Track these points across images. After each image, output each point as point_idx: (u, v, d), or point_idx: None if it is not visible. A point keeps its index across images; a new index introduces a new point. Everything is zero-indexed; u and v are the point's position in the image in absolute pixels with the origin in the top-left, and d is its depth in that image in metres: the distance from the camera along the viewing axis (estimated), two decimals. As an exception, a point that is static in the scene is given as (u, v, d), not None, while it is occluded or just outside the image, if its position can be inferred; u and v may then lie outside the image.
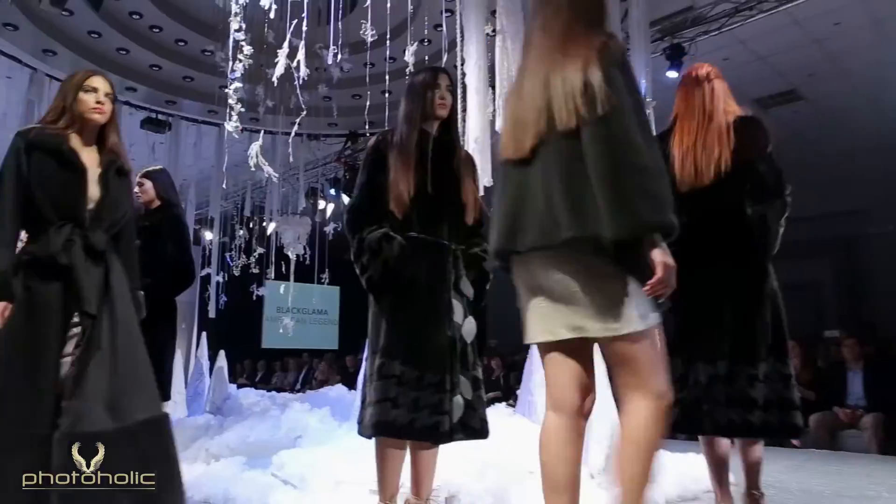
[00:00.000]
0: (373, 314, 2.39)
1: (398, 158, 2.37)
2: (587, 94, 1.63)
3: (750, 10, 6.06)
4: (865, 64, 7.22)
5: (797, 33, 6.61)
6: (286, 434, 4.31)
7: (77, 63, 7.46)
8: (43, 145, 2.17)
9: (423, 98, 2.46)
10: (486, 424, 2.39)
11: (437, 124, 2.51)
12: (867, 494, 3.61)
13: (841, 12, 6.24)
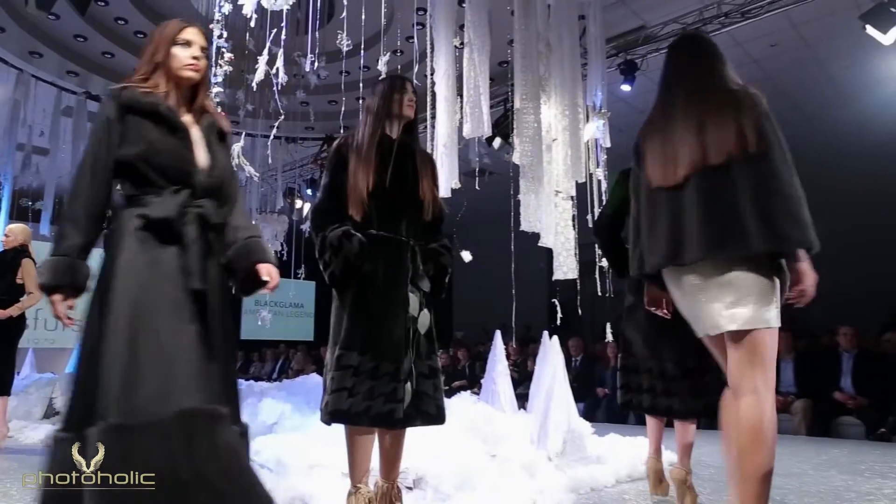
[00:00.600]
0: (335, 308, 2.37)
1: (358, 159, 2.37)
2: (743, 137, 1.91)
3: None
4: (798, 82, 7.41)
5: (738, 53, 6.75)
6: (263, 421, 4.27)
7: (63, 65, 7.27)
8: (138, 106, 1.82)
9: (391, 99, 2.46)
10: (442, 411, 2.38)
11: (399, 127, 2.51)
12: (794, 472, 3.71)
13: (776, 35, 6.40)
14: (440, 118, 3.92)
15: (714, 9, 5.96)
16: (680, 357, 2.78)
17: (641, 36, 6.44)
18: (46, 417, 6.10)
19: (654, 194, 2.13)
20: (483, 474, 2.97)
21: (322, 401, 2.33)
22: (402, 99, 2.47)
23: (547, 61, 4.36)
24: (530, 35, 4.24)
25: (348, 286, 2.31)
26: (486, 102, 3.92)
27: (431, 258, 2.48)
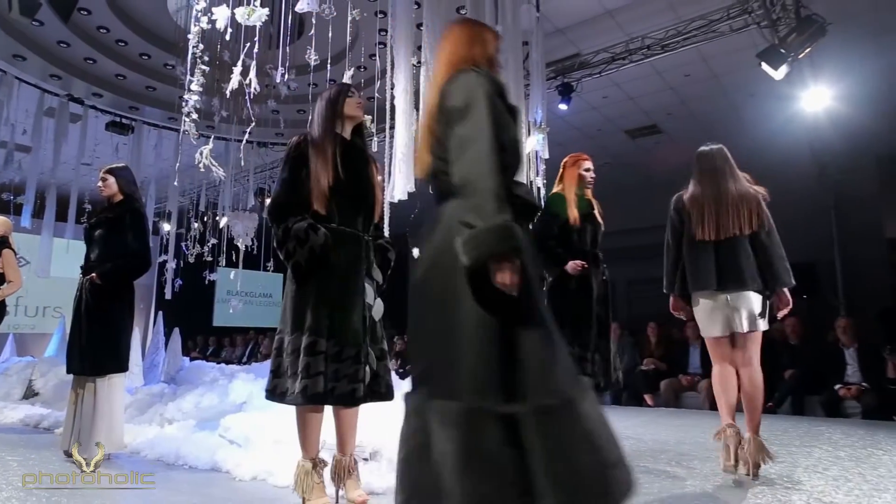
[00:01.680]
0: (293, 296, 2.27)
1: (318, 156, 2.30)
2: (758, 219, 2.92)
3: (623, 60, 6.29)
4: (708, 108, 7.65)
5: (658, 81, 6.93)
6: (233, 400, 4.18)
7: (46, 68, 6.89)
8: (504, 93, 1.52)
9: (338, 103, 2.41)
10: (391, 389, 2.36)
11: (349, 129, 2.45)
12: (699, 441, 3.82)
13: (690, 66, 6.58)
14: (399, 129, 3.88)
15: (638, 41, 6.08)
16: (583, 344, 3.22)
17: (577, 62, 6.53)
18: (25, 398, 5.82)
19: (696, 244, 2.98)
20: (433, 447, 2.94)
21: (271, 382, 2.26)
22: (349, 101, 2.42)
23: (494, 81, 4.36)
24: (480, 57, 4.23)
25: (312, 276, 2.24)
26: (440, 115, 3.90)
27: (379, 252, 2.44)
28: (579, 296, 3.29)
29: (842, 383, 5.36)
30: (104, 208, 3.59)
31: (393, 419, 3.05)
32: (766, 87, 6.55)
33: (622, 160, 9.36)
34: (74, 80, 7.15)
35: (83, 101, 7.52)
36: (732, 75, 6.76)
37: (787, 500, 2.43)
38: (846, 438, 3.92)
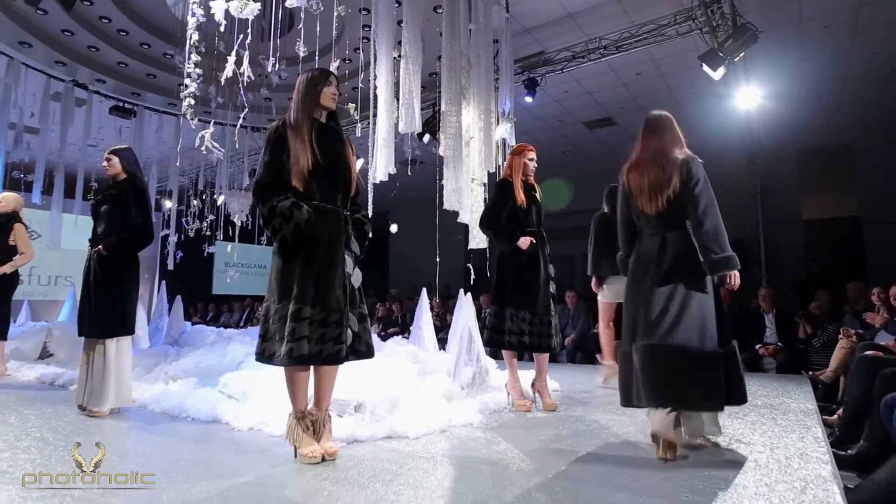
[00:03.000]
0: (279, 268, 2.23)
1: (296, 140, 2.24)
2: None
3: (582, 59, 6.26)
4: (656, 104, 7.55)
5: (613, 78, 6.92)
6: (231, 360, 4.13)
7: (52, 55, 6.56)
8: None
9: (316, 91, 2.34)
10: (371, 348, 2.35)
11: (324, 113, 2.39)
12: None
13: (641, 66, 6.58)
14: (380, 116, 3.82)
15: (596, 42, 6.05)
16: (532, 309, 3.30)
17: (541, 59, 6.47)
18: (40, 359, 5.68)
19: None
20: (411, 400, 2.97)
21: (260, 346, 2.23)
22: (326, 91, 2.35)
23: (468, 74, 4.30)
24: (455, 53, 4.17)
25: (297, 249, 2.21)
26: (417, 105, 3.84)
27: (357, 226, 2.41)
28: (529, 268, 3.34)
29: (761, 343, 5.56)
30: (109, 186, 3.47)
31: (377, 376, 3.08)
32: (706, 86, 6.60)
33: (580, 148, 9.39)
34: (79, 66, 6.83)
35: (87, 86, 7.20)
36: (678, 75, 6.79)
37: (713, 441, 2.52)
38: (762, 389, 4.07)
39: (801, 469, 2.08)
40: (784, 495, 1.78)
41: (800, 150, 8.79)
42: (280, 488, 1.90)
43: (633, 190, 2.50)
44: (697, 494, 1.80)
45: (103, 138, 7.97)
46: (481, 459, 2.26)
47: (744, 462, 2.18)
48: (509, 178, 3.44)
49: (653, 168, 2.46)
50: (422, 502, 1.74)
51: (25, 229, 4.71)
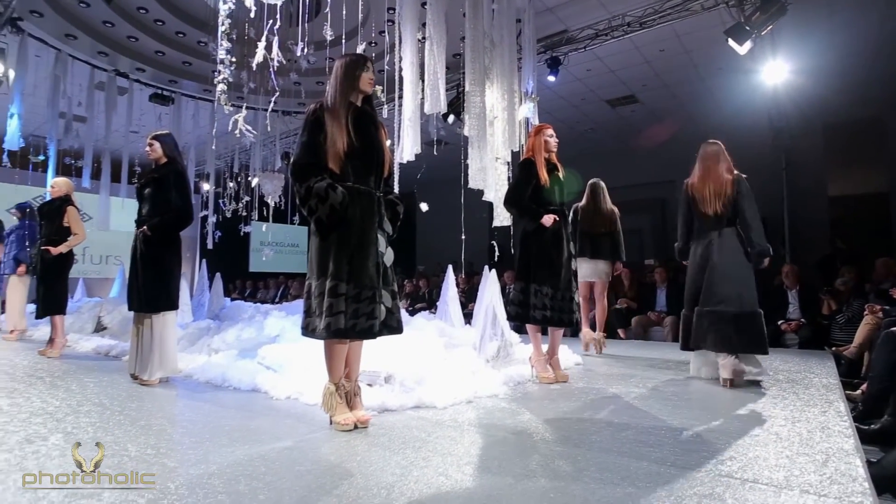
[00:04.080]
0: (317, 247, 2.25)
1: (333, 122, 2.24)
2: None
3: (605, 36, 6.06)
4: (680, 81, 7.42)
5: (636, 55, 6.69)
6: (268, 334, 4.22)
7: (95, 46, 6.67)
8: None
9: (355, 76, 2.33)
10: (400, 324, 2.36)
11: (361, 97, 2.38)
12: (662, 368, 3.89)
13: (665, 43, 6.34)
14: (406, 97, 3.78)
15: (620, 19, 5.84)
16: (554, 285, 3.27)
17: (564, 38, 6.29)
18: (96, 331, 5.92)
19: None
20: (438, 372, 3.00)
21: (304, 321, 2.27)
22: (364, 76, 2.34)
23: (491, 55, 4.21)
24: (478, 33, 4.08)
25: (332, 229, 2.22)
26: (442, 86, 3.79)
27: (389, 206, 2.41)
28: (553, 245, 3.30)
29: (784, 319, 5.41)
30: (151, 170, 3.54)
31: (406, 350, 3.11)
32: (732, 61, 6.33)
33: (603, 126, 9.17)
34: (120, 56, 6.93)
35: (128, 75, 7.32)
36: (702, 50, 6.52)
37: (733, 414, 2.49)
38: (784, 364, 3.98)
39: (822, 442, 2.03)
40: (805, 467, 1.75)
41: (827, 125, 8.39)
42: (316, 452, 1.95)
43: (697, 198, 3.36)
44: (719, 464, 1.78)
45: (144, 125, 8.12)
46: (506, 428, 2.27)
47: (765, 435, 2.14)
48: (532, 158, 3.39)
49: (714, 182, 3.30)
50: (450, 468, 1.76)
51: (77, 212, 4.86)
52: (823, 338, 5.07)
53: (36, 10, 5.94)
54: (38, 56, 6.59)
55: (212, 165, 8.44)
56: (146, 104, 7.77)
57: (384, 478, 1.67)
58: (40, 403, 2.70)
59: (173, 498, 1.50)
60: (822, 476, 1.67)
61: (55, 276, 4.69)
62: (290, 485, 1.61)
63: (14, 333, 5.80)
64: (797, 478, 1.66)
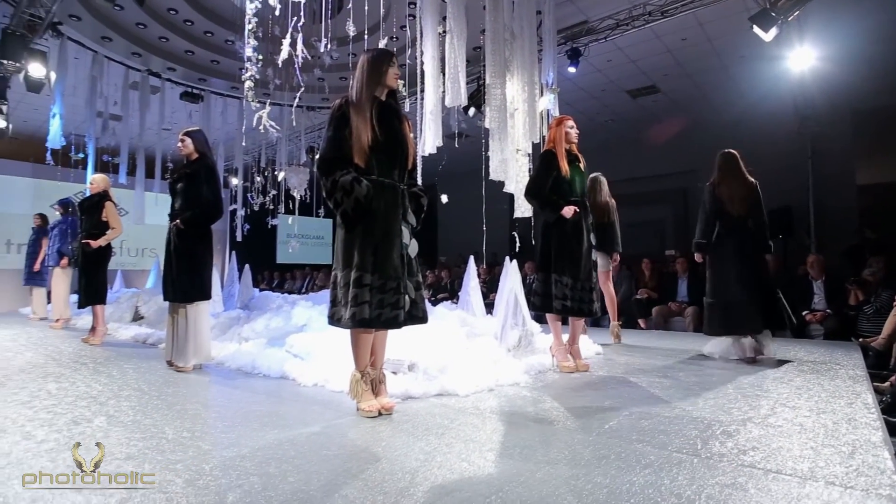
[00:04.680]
0: (343, 239, 2.27)
1: (358, 117, 2.24)
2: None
3: (626, 26, 5.93)
4: (702, 69, 7.22)
5: (657, 45, 6.53)
6: (295, 323, 4.28)
7: (128, 47, 6.82)
8: None
9: (380, 71, 2.32)
10: (426, 314, 2.37)
11: (385, 92, 2.37)
12: (683, 358, 3.82)
13: (687, 31, 6.17)
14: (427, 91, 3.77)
15: (641, 8, 5.70)
16: (574, 275, 3.25)
17: (584, 28, 6.17)
18: (134, 321, 6.12)
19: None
20: (460, 361, 3.01)
21: (330, 311, 2.30)
22: (390, 72, 2.34)
23: (511, 47, 4.16)
24: (498, 26, 4.03)
25: (358, 221, 2.23)
26: (463, 79, 3.76)
27: (414, 199, 2.41)
28: (573, 236, 3.27)
29: (809, 310, 5.26)
30: (183, 165, 3.60)
31: (429, 339, 3.13)
32: (756, 48, 6.13)
33: (623, 117, 8.99)
34: (152, 56, 7.08)
35: (160, 74, 7.46)
36: (725, 38, 6.32)
37: (757, 404, 2.43)
38: (809, 355, 3.88)
39: (849, 434, 1.97)
40: (830, 459, 1.70)
41: (856, 112, 8.06)
42: (342, 437, 1.98)
43: (725, 200, 3.70)
44: (741, 454, 1.74)
45: (176, 122, 8.29)
46: (528, 416, 2.27)
47: (789, 426, 2.09)
48: (553, 150, 3.34)
49: (740, 187, 3.70)
50: (472, 454, 1.77)
51: (115, 207, 4.99)
52: (850, 329, 4.91)
53: (74, 15, 6.09)
54: (77, 58, 6.77)
55: (240, 161, 8.57)
56: (177, 102, 7.92)
57: (408, 463, 1.69)
58: (85, 388, 2.81)
59: (208, 479, 1.55)
60: (848, 468, 1.63)
61: (95, 268, 4.84)
62: (318, 468, 1.64)
63: (59, 322, 6.02)
64: (822, 469, 1.62)
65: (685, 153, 9.31)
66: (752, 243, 3.60)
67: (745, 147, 9.12)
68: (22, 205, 9.93)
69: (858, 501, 1.39)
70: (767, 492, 1.45)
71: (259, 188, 9.00)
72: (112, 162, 8.16)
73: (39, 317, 7.11)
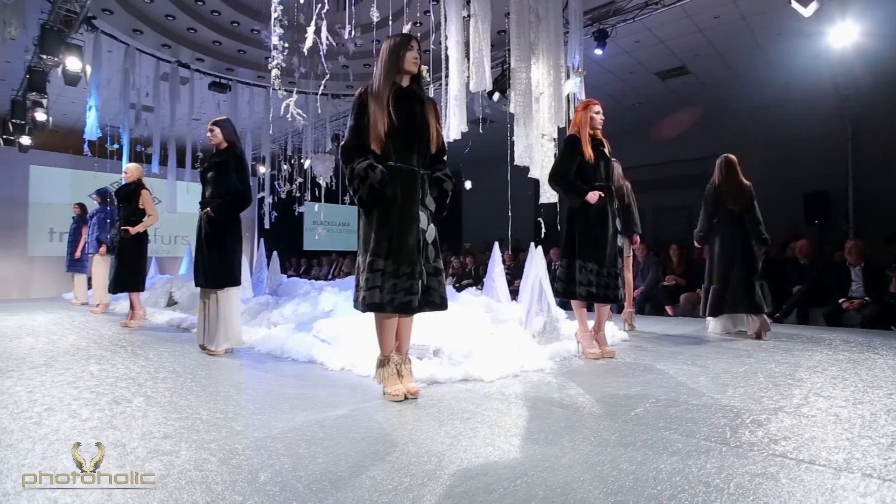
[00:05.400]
0: (363, 224, 2.31)
1: (376, 105, 2.26)
2: None
3: (655, 5, 5.73)
4: (735, 49, 6.94)
5: (688, 24, 6.30)
6: (322, 309, 4.35)
7: (158, 39, 6.95)
8: None
9: (398, 56, 2.32)
10: (444, 300, 2.37)
11: (407, 77, 2.37)
12: (711, 345, 3.74)
13: (720, 9, 5.93)
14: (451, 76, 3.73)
15: (671, -15, 5.50)
16: (599, 261, 3.22)
17: (612, 9, 5.99)
18: (168, 305, 6.31)
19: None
20: (485, 347, 3.01)
21: (354, 294, 2.33)
22: (408, 56, 2.33)
23: (536, 30, 4.07)
24: (523, 8, 3.94)
25: (373, 207, 2.25)
26: (487, 63, 3.71)
27: (436, 184, 2.40)
28: (598, 221, 3.22)
29: (846, 297, 5.07)
30: (212, 154, 3.67)
31: (454, 325, 3.13)
32: (794, 25, 5.85)
33: (652, 100, 8.75)
34: (181, 48, 7.19)
35: (189, 65, 7.58)
36: (760, 15, 6.05)
37: (789, 393, 2.37)
38: (845, 344, 3.75)
39: (888, 426, 1.90)
40: (867, 450, 1.65)
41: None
42: (369, 421, 2.01)
43: (724, 197, 4.21)
44: (772, 444, 1.70)
45: (204, 112, 8.43)
46: (553, 402, 2.26)
47: (823, 416, 2.03)
48: (577, 134, 3.29)
49: (738, 186, 4.19)
50: (497, 438, 1.78)
51: (150, 194, 5.14)
52: (891, 317, 4.72)
53: (107, 9, 6.23)
54: (110, 51, 6.93)
55: (267, 149, 8.69)
56: (206, 93, 8.05)
57: (434, 446, 1.70)
58: (124, 370, 2.92)
59: (241, 458, 1.59)
60: (886, 460, 1.57)
61: (132, 254, 5.00)
62: (346, 450, 1.67)
63: (99, 307, 6.27)
64: (858, 461, 1.57)
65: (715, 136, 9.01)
66: (744, 237, 4.13)
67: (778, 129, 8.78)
68: (62, 194, 10.30)
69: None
70: (800, 482, 1.41)
71: (286, 176, 9.12)
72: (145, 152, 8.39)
73: (81, 302, 7.42)
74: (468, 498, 1.33)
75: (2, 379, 2.68)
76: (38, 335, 4.31)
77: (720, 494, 1.34)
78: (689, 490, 1.36)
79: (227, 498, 1.33)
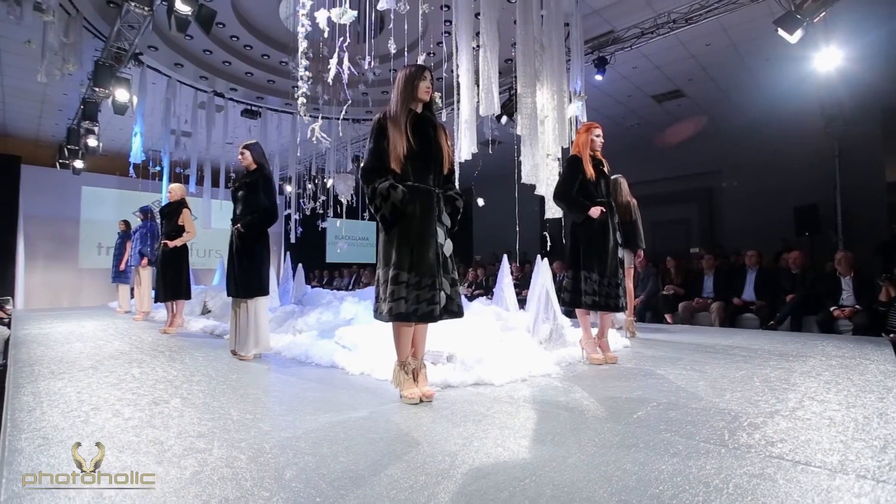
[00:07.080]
0: (384, 240, 2.32)
1: (394, 129, 2.28)
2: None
3: (651, 34, 5.74)
4: (726, 73, 6.91)
5: (681, 51, 6.29)
6: (343, 317, 4.36)
7: (196, 72, 7.12)
8: None
9: (413, 86, 2.35)
10: (461, 309, 2.37)
11: (421, 104, 2.40)
12: (709, 353, 3.68)
13: (711, 37, 5.92)
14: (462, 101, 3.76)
15: (665, 16, 5.51)
16: (601, 272, 3.20)
17: (611, 38, 6.01)
18: (202, 314, 6.36)
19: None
20: (495, 353, 2.99)
21: (374, 305, 2.33)
22: (421, 86, 2.37)
23: (541, 58, 4.10)
24: (528, 38, 3.98)
25: (395, 224, 2.26)
26: (495, 89, 3.73)
27: (450, 202, 2.41)
28: (600, 234, 3.21)
29: (837, 306, 4.96)
30: (243, 175, 3.72)
31: (466, 332, 3.12)
32: (781, 50, 5.82)
33: (649, 121, 8.72)
34: (217, 79, 7.36)
35: (224, 94, 7.75)
36: (750, 42, 6.03)
37: (784, 397, 2.31)
38: (837, 350, 3.66)
39: (880, 428, 1.85)
40: (861, 452, 1.60)
41: (885, 109, 7.54)
42: (387, 422, 2.00)
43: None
44: (769, 446, 1.66)
45: (237, 136, 8.59)
46: (559, 405, 2.24)
47: (817, 419, 1.98)
48: (578, 155, 3.30)
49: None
50: (507, 440, 1.76)
51: (190, 213, 5.22)
52: (880, 324, 4.60)
53: (152, 45, 6.41)
54: (154, 83, 7.12)
55: (293, 170, 8.81)
56: (238, 119, 8.21)
57: (448, 447, 1.69)
58: (162, 373, 2.95)
59: (268, 457, 1.60)
60: (880, 462, 1.52)
61: (174, 267, 5.08)
62: (366, 449, 1.66)
63: (141, 315, 6.35)
64: (853, 462, 1.52)
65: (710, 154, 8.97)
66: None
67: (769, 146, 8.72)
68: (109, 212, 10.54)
69: (891, 495, 1.30)
70: (796, 483, 1.38)
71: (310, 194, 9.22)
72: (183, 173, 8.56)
73: (124, 310, 7.53)
74: (480, 496, 1.31)
75: (54, 381, 2.72)
76: (86, 340, 4.37)
77: (720, 494, 1.31)
78: (690, 490, 1.33)
79: (255, 493, 1.33)
